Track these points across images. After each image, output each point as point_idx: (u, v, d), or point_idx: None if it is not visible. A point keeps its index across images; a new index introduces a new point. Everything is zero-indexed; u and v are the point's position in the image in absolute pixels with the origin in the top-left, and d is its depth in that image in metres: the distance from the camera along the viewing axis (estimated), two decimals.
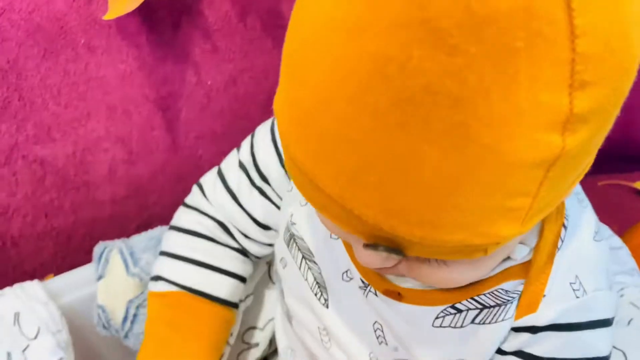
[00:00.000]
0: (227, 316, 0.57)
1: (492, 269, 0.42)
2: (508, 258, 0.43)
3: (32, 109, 0.64)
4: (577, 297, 0.43)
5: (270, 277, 0.65)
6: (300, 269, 0.52)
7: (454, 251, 0.33)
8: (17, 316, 0.56)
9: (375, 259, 0.38)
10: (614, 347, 0.50)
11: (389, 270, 0.40)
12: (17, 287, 0.59)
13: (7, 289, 0.59)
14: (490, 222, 0.31)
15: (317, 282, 0.51)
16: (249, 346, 0.64)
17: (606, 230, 0.60)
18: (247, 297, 0.62)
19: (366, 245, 0.35)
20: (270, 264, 0.64)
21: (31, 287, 0.59)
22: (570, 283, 0.44)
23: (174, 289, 0.55)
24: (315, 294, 0.51)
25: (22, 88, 0.62)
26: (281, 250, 0.54)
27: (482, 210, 0.30)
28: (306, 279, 0.52)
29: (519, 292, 0.44)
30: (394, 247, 0.34)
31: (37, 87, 0.63)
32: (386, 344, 0.49)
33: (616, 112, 0.31)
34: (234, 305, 0.58)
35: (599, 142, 0.33)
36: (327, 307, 0.51)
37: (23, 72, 0.62)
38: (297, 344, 0.58)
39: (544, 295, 0.43)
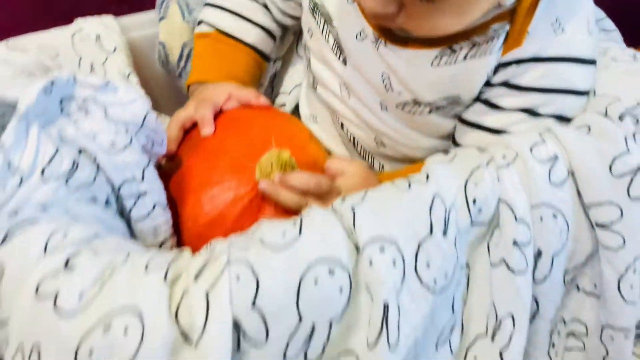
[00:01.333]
0: (257, 58, 0.69)
1: (481, 15, 0.49)
2: (499, 6, 0.50)
3: None
4: (556, 35, 0.51)
5: (296, 50, 0.76)
6: (322, 33, 0.62)
7: None
8: (98, 37, 0.68)
9: (379, 1, 0.46)
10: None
11: (391, 22, 0.48)
12: (96, 17, 0.70)
13: (88, 17, 0.69)
14: None
15: (337, 43, 0.60)
16: (278, 107, 0.77)
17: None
18: (277, 60, 0.73)
19: None
20: (297, 35, 0.74)
21: (108, 19, 0.71)
22: (552, 23, 0.51)
23: (213, 30, 0.67)
24: (336, 54, 0.61)
25: None
26: (308, 21, 0.64)
27: None
28: (327, 41, 0.61)
29: (506, 30, 0.52)
30: None
31: None
32: (392, 90, 0.58)
33: None
34: (264, 55, 0.69)
35: None
36: (345, 64, 0.61)
37: None
38: (319, 109, 0.69)
39: (528, 33, 0.51)
